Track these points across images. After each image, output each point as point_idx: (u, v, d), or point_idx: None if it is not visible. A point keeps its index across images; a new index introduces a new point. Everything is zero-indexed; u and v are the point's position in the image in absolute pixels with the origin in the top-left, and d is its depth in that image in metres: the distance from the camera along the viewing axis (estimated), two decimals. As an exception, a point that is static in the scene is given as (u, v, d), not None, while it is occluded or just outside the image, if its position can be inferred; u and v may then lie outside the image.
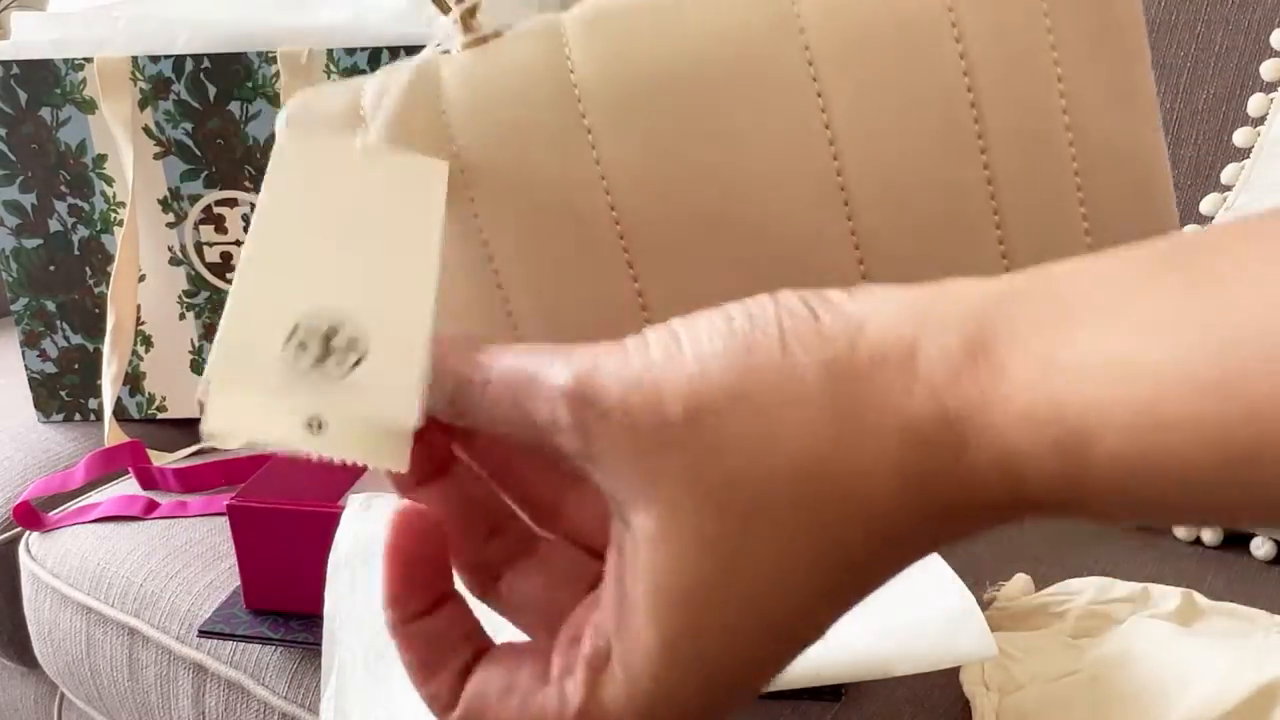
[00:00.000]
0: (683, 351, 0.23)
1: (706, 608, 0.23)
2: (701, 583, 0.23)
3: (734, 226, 0.35)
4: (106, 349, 0.97)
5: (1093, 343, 0.21)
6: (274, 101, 0.92)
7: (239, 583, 0.72)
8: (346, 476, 0.88)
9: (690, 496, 0.23)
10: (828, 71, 0.35)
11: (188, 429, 1.04)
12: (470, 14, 0.38)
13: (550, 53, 0.37)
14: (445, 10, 0.39)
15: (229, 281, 0.98)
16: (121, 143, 0.93)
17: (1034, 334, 0.21)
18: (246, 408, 0.27)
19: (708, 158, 0.35)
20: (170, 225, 0.97)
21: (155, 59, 0.92)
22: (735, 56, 0.35)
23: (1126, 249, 0.22)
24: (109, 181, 0.96)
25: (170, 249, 0.98)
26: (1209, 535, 0.79)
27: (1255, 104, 0.89)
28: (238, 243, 0.97)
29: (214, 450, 0.98)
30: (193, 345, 1.01)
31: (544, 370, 0.25)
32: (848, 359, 0.22)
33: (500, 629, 0.31)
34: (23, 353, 1.01)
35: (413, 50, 0.89)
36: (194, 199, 0.96)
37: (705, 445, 0.22)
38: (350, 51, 0.91)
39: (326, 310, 0.27)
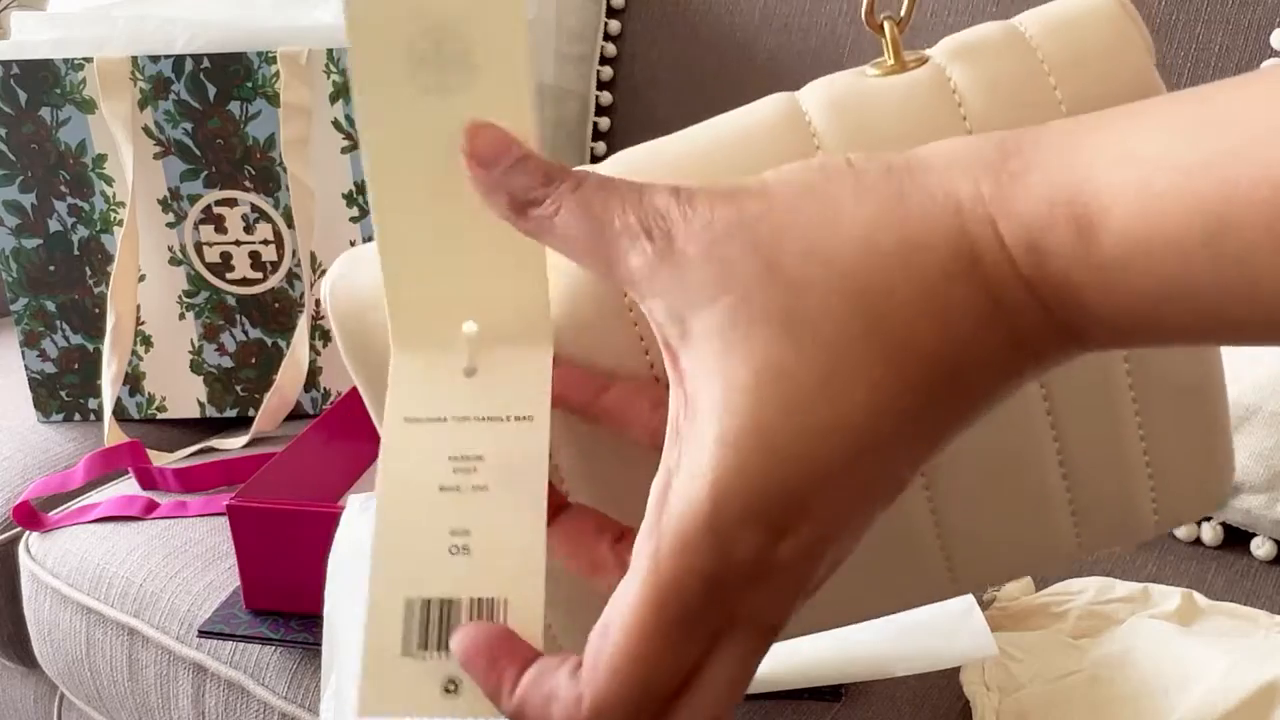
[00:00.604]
0: (762, 174, 0.25)
1: (775, 396, 0.22)
2: (770, 366, 0.23)
3: None
4: (106, 349, 0.97)
5: (1105, 139, 0.23)
6: (274, 101, 0.92)
7: (239, 583, 0.72)
8: (346, 476, 0.88)
9: (763, 277, 0.23)
10: None
11: (187, 429, 1.04)
12: None
13: None
14: None
15: (228, 281, 0.99)
16: (121, 143, 0.93)
17: (1058, 138, 0.24)
18: (394, 691, 0.28)
19: None
20: (170, 225, 0.97)
21: (155, 59, 0.92)
22: None
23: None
24: (109, 181, 0.96)
25: (170, 249, 0.98)
26: (1209, 535, 0.79)
27: (1255, 104, 0.89)
28: (237, 242, 0.97)
29: (214, 450, 0.99)
30: (192, 345, 1.01)
31: (624, 183, 0.26)
32: (903, 163, 0.25)
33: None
34: (23, 353, 1.01)
35: None
36: (194, 199, 0.96)
37: (777, 226, 0.24)
38: None
39: (444, 592, 0.28)
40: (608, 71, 1.15)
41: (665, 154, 0.35)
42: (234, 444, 0.99)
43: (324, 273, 0.96)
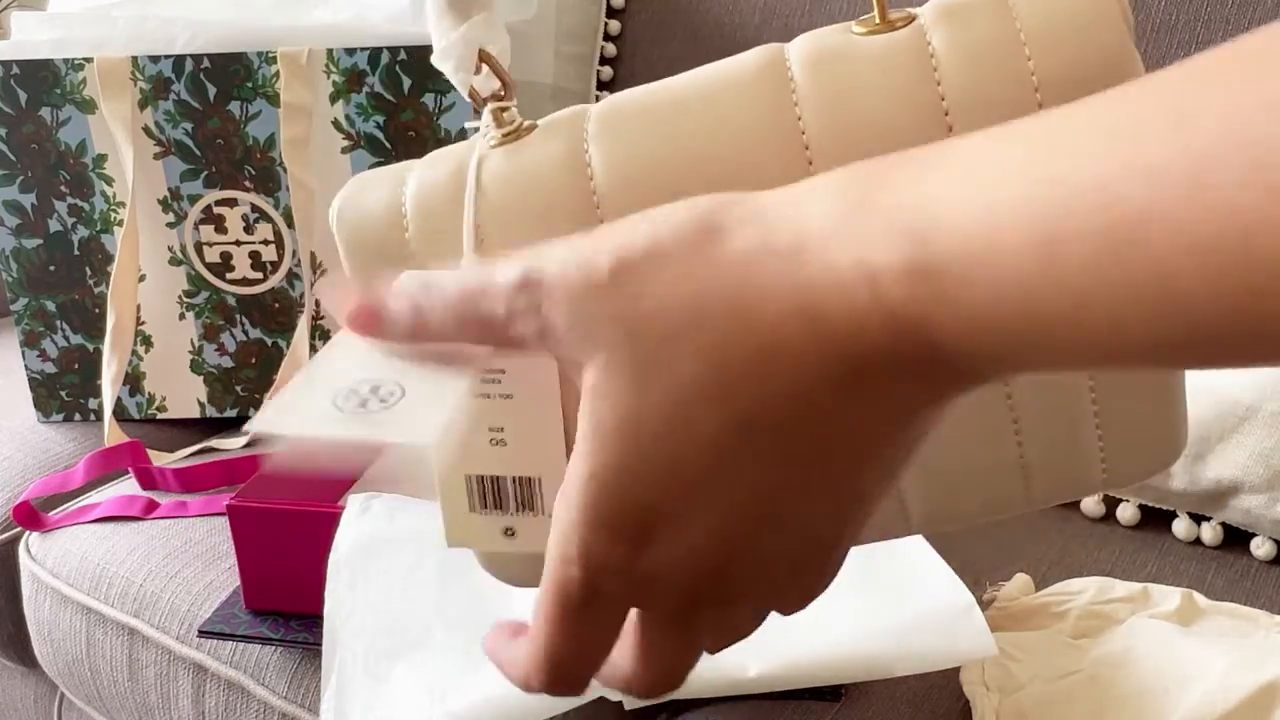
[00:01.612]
0: (615, 228, 0.28)
1: (628, 436, 0.26)
2: (627, 411, 0.26)
3: None
4: (106, 349, 0.97)
5: (948, 171, 0.24)
6: (274, 101, 0.92)
7: (239, 583, 0.72)
8: (346, 476, 0.88)
9: (619, 335, 0.26)
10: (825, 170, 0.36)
11: (188, 429, 1.04)
12: (501, 111, 0.39)
13: (571, 154, 0.38)
14: (479, 105, 0.40)
15: (228, 281, 0.99)
16: (121, 143, 0.93)
17: (907, 174, 0.25)
18: (468, 534, 0.36)
19: None
20: (170, 225, 0.97)
21: (155, 59, 0.92)
22: (737, 156, 0.36)
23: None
24: (109, 181, 0.96)
25: (170, 249, 0.98)
26: (1209, 535, 0.79)
27: (1255, 104, 0.89)
28: (237, 243, 0.97)
29: (214, 450, 0.99)
30: (193, 345, 1.01)
31: (493, 275, 0.29)
32: (754, 214, 0.26)
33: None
34: (23, 353, 1.01)
35: (412, 50, 0.90)
36: (194, 199, 0.96)
37: (628, 293, 0.26)
38: (350, 51, 0.91)
39: (381, 377, 0.33)
40: (608, 71, 1.15)
41: (653, 102, 0.37)
42: (234, 444, 0.99)
43: (324, 272, 0.96)
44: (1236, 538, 0.79)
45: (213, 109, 0.93)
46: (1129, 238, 0.21)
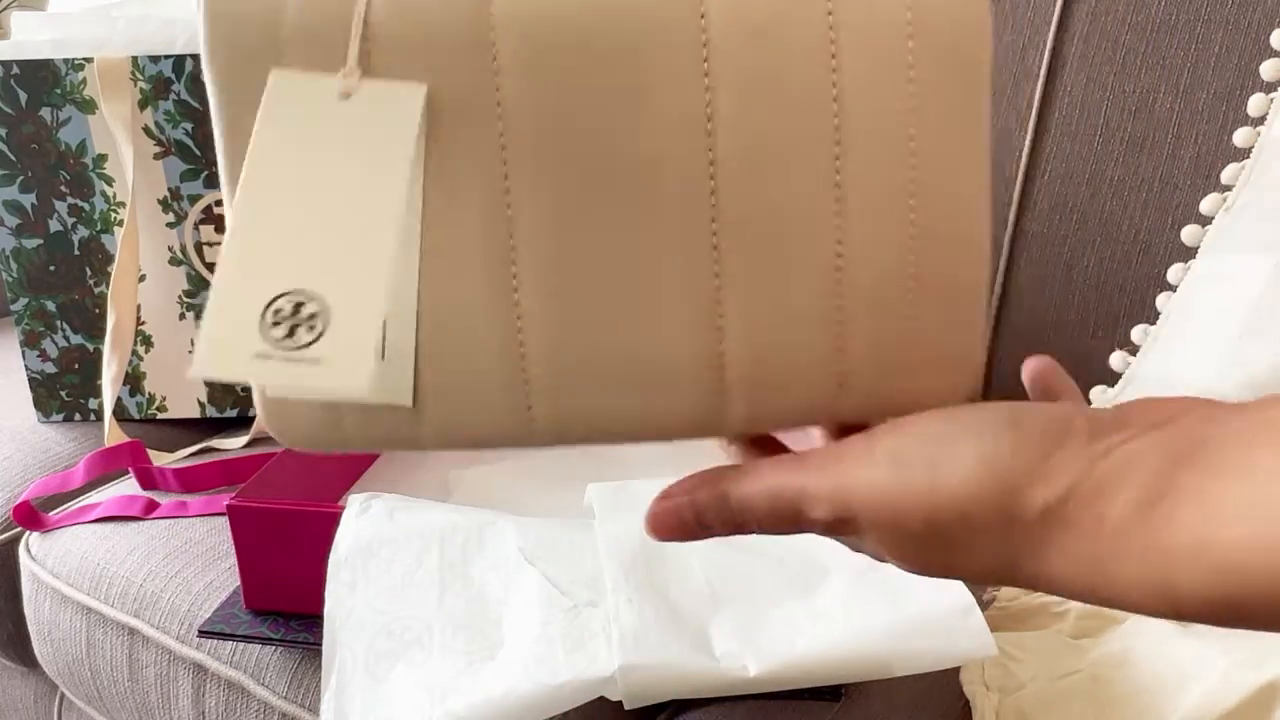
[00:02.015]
0: (914, 473, 0.31)
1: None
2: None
3: (610, 188, 0.37)
4: (106, 349, 0.97)
5: (1226, 504, 0.27)
6: (274, 101, 0.92)
7: (239, 583, 0.72)
8: (346, 476, 0.88)
9: (918, 564, 0.32)
10: (720, 62, 0.37)
11: (188, 429, 1.04)
12: None
13: None
14: None
15: (229, 281, 0.98)
16: (121, 143, 0.93)
17: (1190, 495, 0.28)
18: (228, 359, 0.33)
19: (597, 118, 0.37)
20: (170, 225, 0.97)
21: (155, 59, 0.92)
22: (638, 29, 0.36)
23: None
24: (109, 181, 0.96)
25: (170, 249, 0.98)
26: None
27: (1255, 104, 0.89)
28: (238, 243, 0.97)
29: (214, 450, 0.99)
30: (193, 345, 1.01)
31: (805, 494, 0.33)
32: (1055, 510, 0.30)
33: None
34: (23, 353, 1.01)
35: None
36: (194, 199, 0.96)
37: (935, 548, 0.31)
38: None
39: (297, 288, 0.33)
40: None
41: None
42: (234, 444, 0.99)
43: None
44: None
45: (213, 109, 0.93)
46: None
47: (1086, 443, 0.30)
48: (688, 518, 0.36)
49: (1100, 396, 0.88)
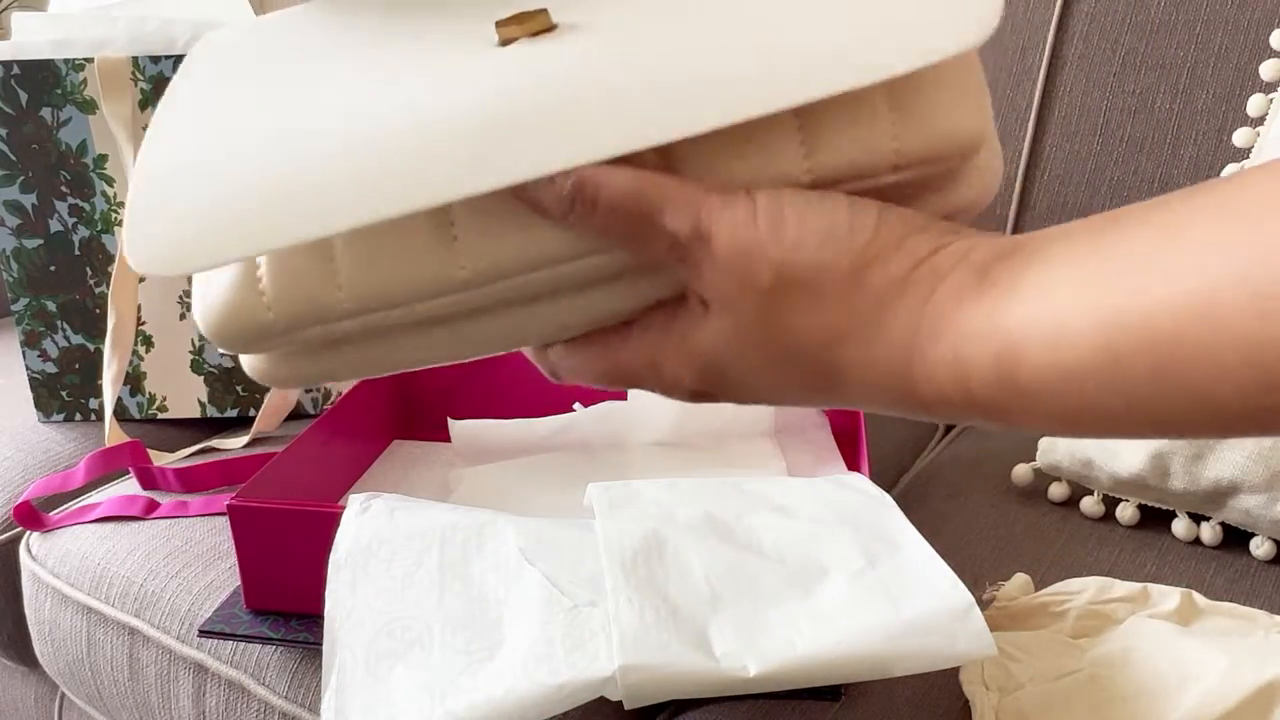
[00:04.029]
0: (784, 234, 0.33)
1: (726, 360, 0.35)
2: (730, 354, 0.35)
3: None
4: (107, 349, 0.97)
5: (1029, 303, 0.30)
6: (274, 102, 0.92)
7: (239, 583, 0.72)
8: (346, 476, 0.88)
9: (750, 323, 0.34)
10: None
11: (188, 429, 1.04)
12: None
13: None
14: None
15: (229, 281, 0.99)
16: (122, 143, 0.93)
17: (1014, 274, 0.31)
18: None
19: None
20: (170, 225, 0.97)
21: (155, 59, 0.92)
22: None
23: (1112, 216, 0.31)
24: (109, 181, 0.96)
25: (170, 249, 0.98)
26: (1208, 535, 0.79)
27: (1255, 104, 0.89)
28: (238, 243, 0.97)
29: (214, 450, 0.99)
30: (193, 345, 1.01)
31: (672, 201, 0.34)
32: (897, 282, 0.33)
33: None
34: (23, 353, 1.01)
35: None
36: (194, 199, 0.96)
37: (771, 306, 0.33)
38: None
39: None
40: None
41: None
42: (234, 444, 0.99)
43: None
44: (1236, 537, 0.79)
45: (213, 109, 0.93)
46: (1167, 357, 0.28)
47: (938, 235, 0.33)
48: None
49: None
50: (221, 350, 0.38)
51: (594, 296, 0.38)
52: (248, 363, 0.40)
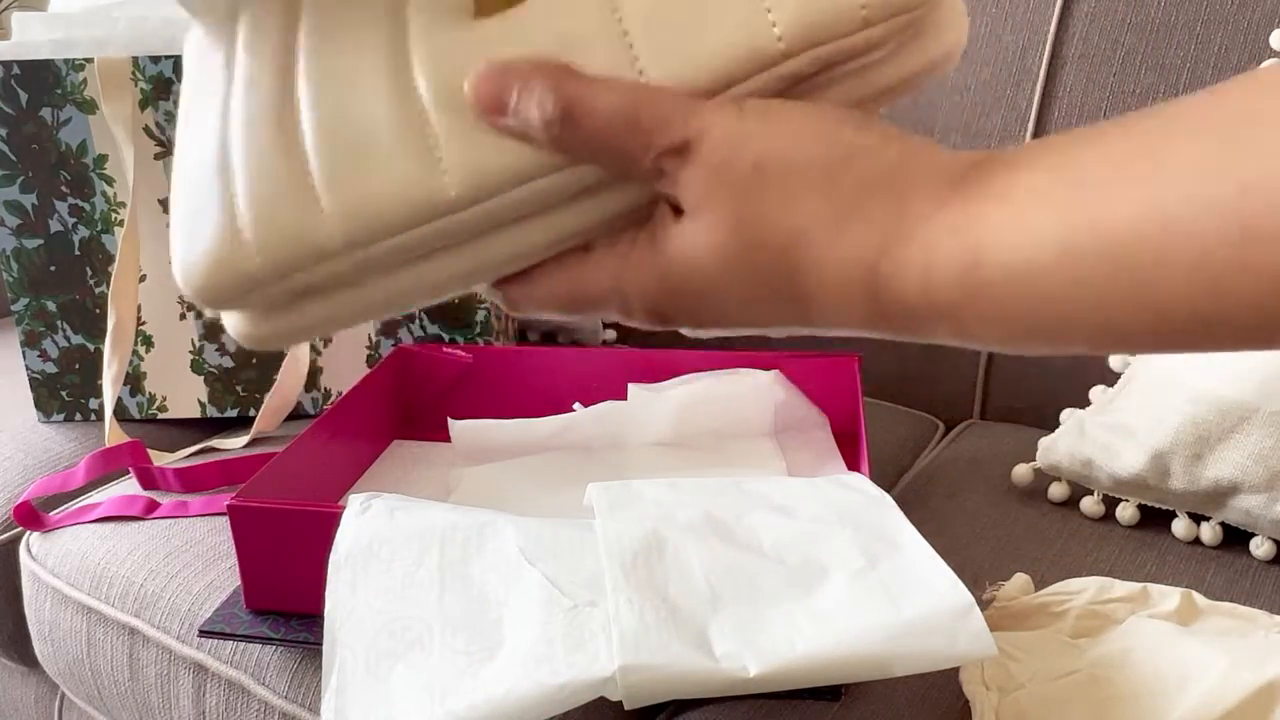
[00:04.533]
0: (767, 129, 0.34)
1: (695, 273, 0.35)
2: (703, 263, 0.35)
3: None
4: (107, 349, 0.97)
5: (1002, 206, 0.31)
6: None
7: (239, 583, 0.72)
8: (346, 476, 0.88)
9: (722, 220, 0.34)
10: None
11: (188, 429, 1.04)
12: None
13: None
14: None
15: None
16: (122, 143, 0.93)
17: (986, 179, 0.32)
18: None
19: None
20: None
21: (156, 59, 0.92)
22: None
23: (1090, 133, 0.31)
24: (109, 182, 0.96)
25: (171, 249, 0.98)
26: (1208, 535, 0.79)
27: (1255, 104, 0.89)
28: (238, 243, 0.98)
29: (214, 450, 0.99)
30: (193, 345, 1.01)
31: (665, 117, 0.34)
32: (872, 181, 0.33)
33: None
34: (23, 353, 1.01)
35: None
36: (194, 199, 0.96)
37: (746, 197, 0.34)
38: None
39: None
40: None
41: None
42: (234, 444, 0.99)
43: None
44: (1236, 537, 0.79)
45: (213, 109, 0.93)
46: (1125, 260, 0.28)
47: (918, 145, 0.34)
48: (509, 84, 0.35)
49: (1100, 396, 0.88)
50: (205, 308, 0.38)
51: (565, 214, 0.38)
52: (229, 321, 0.40)
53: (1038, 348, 0.31)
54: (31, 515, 0.89)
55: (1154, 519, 0.82)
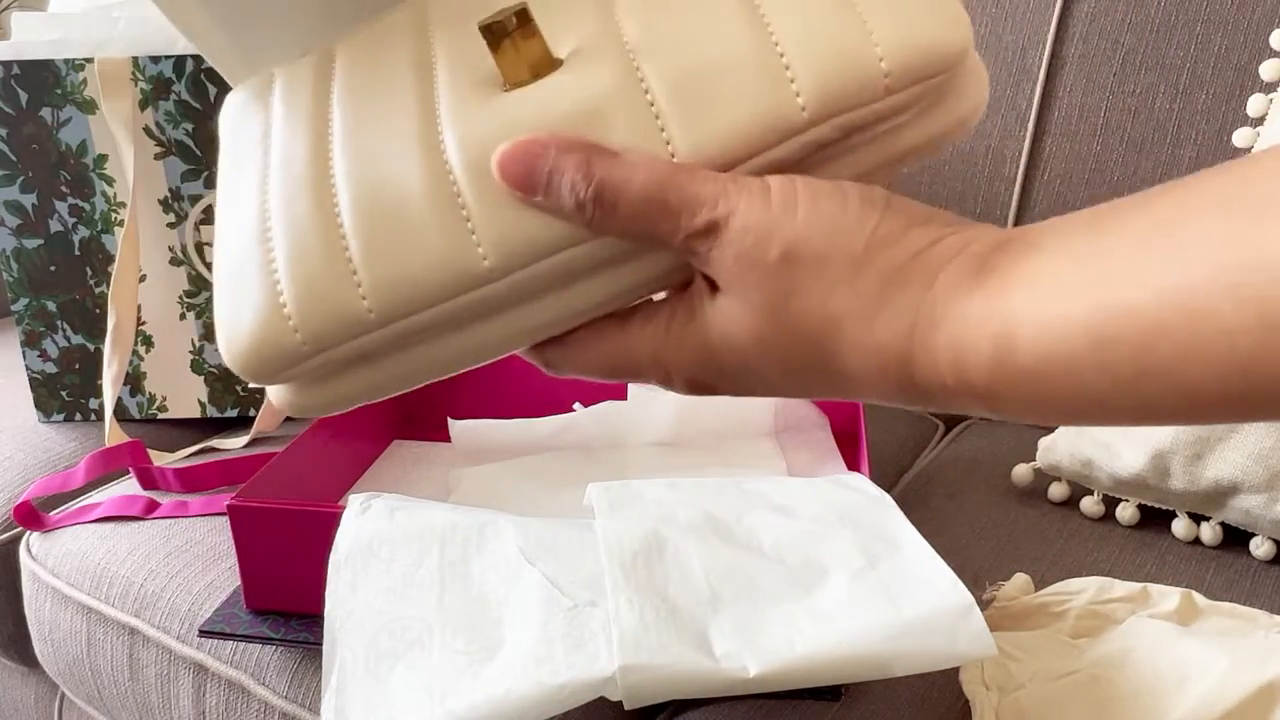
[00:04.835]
0: (795, 215, 0.34)
1: (734, 349, 0.36)
2: (730, 343, 0.36)
3: None
4: (107, 349, 0.97)
5: (1024, 291, 0.31)
6: (274, 102, 0.92)
7: (239, 583, 0.72)
8: (346, 476, 0.88)
9: (756, 302, 0.35)
10: None
11: (188, 429, 1.04)
12: None
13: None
14: None
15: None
16: (122, 143, 0.93)
17: (993, 287, 0.32)
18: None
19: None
20: (171, 225, 0.97)
21: (156, 59, 0.92)
22: None
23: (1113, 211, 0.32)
24: (109, 182, 0.96)
25: (171, 249, 0.98)
26: (1208, 535, 0.79)
27: (1255, 104, 0.89)
28: (238, 243, 0.98)
29: (214, 450, 0.99)
30: (193, 345, 1.01)
31: (692, 200, 0.35)
32: (899, 270, 0.34)
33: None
34: (23, 353, 1.01)
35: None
36: (194, 199, 0.96)
37: (777, 284, 0.34)
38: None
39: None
40: None
41: None
42: (234, 444, 0.99)
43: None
44: (1236, 537, 0.79)
45: (213, 109, 0.93)
46: (1149, 343, 0.29)
47: (940, 226, 0.35)
48: (539, 166, 0.36)
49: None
50: (250, 381, 0.39)
51: (600, 280, 0.38)
52: (274, 394, 0.41)
53: (1079, 424, 0.32)
54: (31, 515, 0.89)
55: (1154, 519, 0.82)
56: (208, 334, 1.01)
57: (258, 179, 0.41)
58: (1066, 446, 0.84)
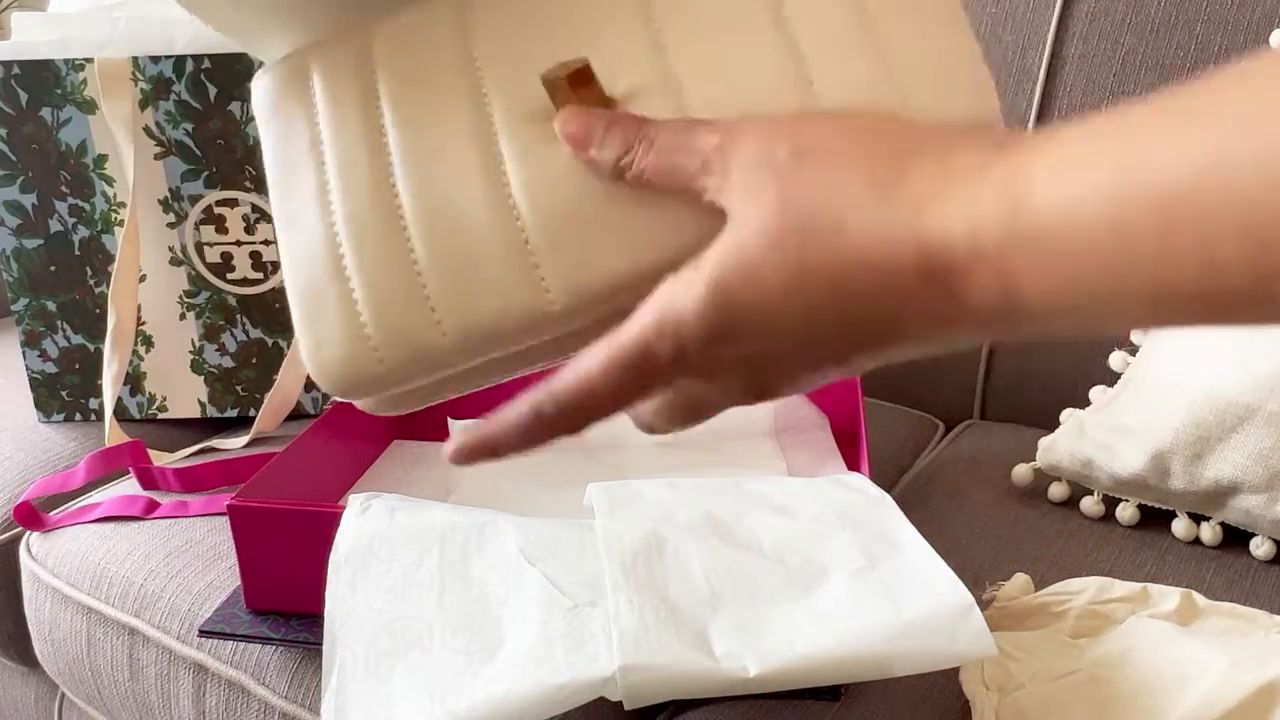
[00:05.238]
0: (802, 124, 0.36)
1: (753, 280, 0.35)
2: (750, 250, 0.35)
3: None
4: (107, 349, 0.97)
5: (1042, 159, 0.31)
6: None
7: (239, 583, 0.72)
8: (346, 476, 0.88)
9: (772, 200, 0.35)
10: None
11: (188, 429, 1.04)
12: None
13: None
14: None
15: (229, 282, 0.99)
16: (122, 143, 0.93)
17: (1031, 141, 0.32)
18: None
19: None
20: (171, 225, 0.97)
21: (156, 59, 0.92)
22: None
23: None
24: (109, 182, 0.96)
25: (171, 249, 0.98)
26: (1208, 535, 0.79)
27: (1255, 104, 0.89)
28: (238, 243, 0.98)
29: (214, 450, 0.99)
30: (193, 345, 1.01)
31: (700, 128, 0.38)
32: (913, 150, 0.34)
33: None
34: (23, 353, 1.01)
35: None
36: (194, 199, 0.96)
37: (791, 174, 0.35)
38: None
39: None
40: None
41: None
42: (234, 444, 0.99)
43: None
44: (1236, 537, 0.79)
45: (213, 109, 0.93)
46: (1174, 214, 0.28)
47: (953, 129, 0.36)
48: (594, 129, 0.40)
49: (1100, 396, 0.88)
50: (337, 397, 0.43)
51: None
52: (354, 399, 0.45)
53: (1088, 318, 0.31)
54: (31, 515, 0.89)
55: (1154, 519, 0.82)
56: (207, 334, 1.01)
57: (316, 196, 0.43)
58: (1067, 446, 0.84)
